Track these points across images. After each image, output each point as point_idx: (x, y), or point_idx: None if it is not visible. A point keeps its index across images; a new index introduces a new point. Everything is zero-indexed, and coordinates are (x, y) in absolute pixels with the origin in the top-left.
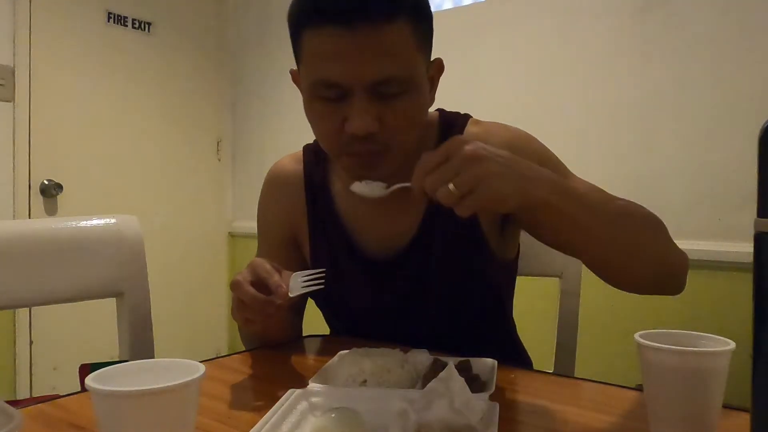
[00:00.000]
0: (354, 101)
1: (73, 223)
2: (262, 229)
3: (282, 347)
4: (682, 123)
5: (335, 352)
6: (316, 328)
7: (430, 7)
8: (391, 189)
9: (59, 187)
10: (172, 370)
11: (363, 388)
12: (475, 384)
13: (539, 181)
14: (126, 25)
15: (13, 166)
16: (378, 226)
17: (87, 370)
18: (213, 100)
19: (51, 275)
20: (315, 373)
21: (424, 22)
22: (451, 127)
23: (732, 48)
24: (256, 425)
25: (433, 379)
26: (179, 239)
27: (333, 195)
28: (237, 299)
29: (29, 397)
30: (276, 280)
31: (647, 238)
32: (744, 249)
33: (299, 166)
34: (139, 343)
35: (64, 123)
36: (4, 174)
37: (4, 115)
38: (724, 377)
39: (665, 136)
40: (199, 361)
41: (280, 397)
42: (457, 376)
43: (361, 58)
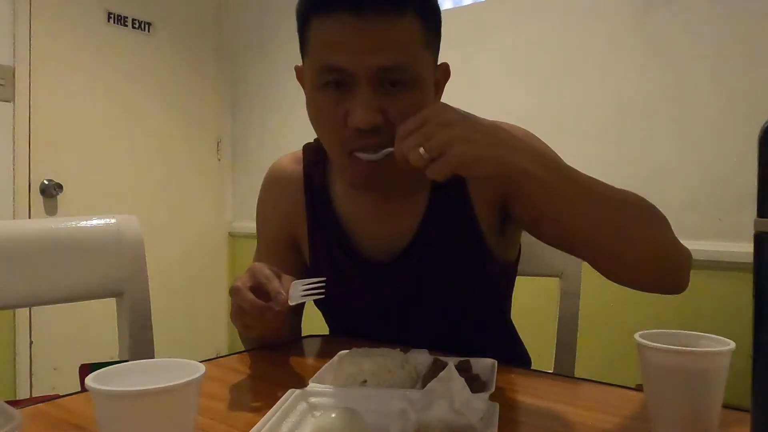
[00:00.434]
0: (358, 93)
1: (73, 223)
2: (261, 230)
3: (282, 347)
4: (682, 123)
5: (335, 352)
6: (316, 328)
7: (439, 9)
8: (383, 153)
9: (59, 187)
10: (172, 370)
11: (363, 388)
12: (475, 384)
13: (519, 150)
14: (126, 25)
15: (13, 166)
16: (377, 227)
17: (87, 370)
18: (213, 100)
19: (51, 275)
20: (315, 373)
21: (433, 23)
22: None
23: (733, 48)
24: (255, 425)
25: (433, 379)
26: (179, 239)
27: (332, 195)
28: (236, 305)
29: (29, 397)
30: (275, 287)
31: (641, 225)
32: (744, 249)
33: (299, 166)
34: (139, 343)
35: (64, 123)
36: (4, 174)
37: (4, 115)
38: (724, 377)
39: (666, 136)
40: (199, 361)
41: (280, 397)
42: (457, 376)
43: (368, 45)
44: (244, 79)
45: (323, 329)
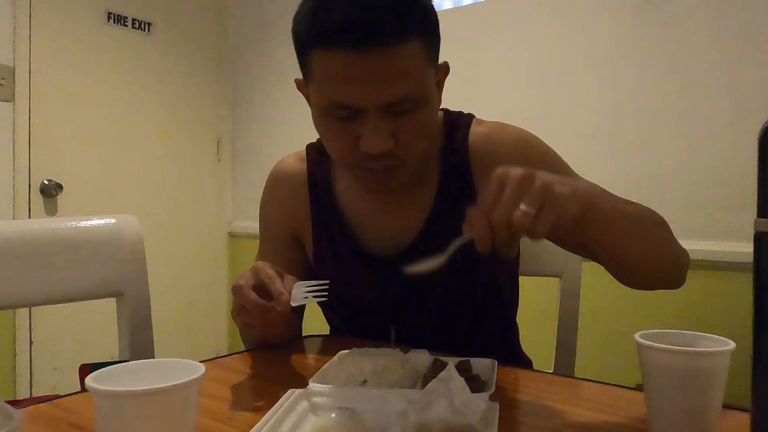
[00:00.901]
0: (368, 121)
1: (73, 223)
2: (265, 228)
3: (282, 347)
4: (682, 123)
5: (335, 352)
6: (316, 328)
7: (436, 14)
8: (449, 252)
9: (59, 187)
10: (172, 370)
11: (363, 388)
12: (475, 384)
13: (581, 186)
14: (126, 25)
15: (13, 166)
16: (382, 223)
17: (87, 370)
18: (213, 100)
19: (51, 275)
20: (315, 373)
21: (433, 33)
22: (456, 127)
23: (733, 48)
24: (256, 425)
25: (433, 380)
26: (179, 239)
27: (336, 193)
28: (238, 303)
29: (29, 397)
30: (278, 287)
31: (663, 239)
32: (744, 249)
33: (302, 165)
34: (139, 343)
35: (64, 123)
36: (4, 174)
37: (4, 115)
38: (724, 377)
39: (666, 136)
40: (199, 361)
41: (281, 397)
42: (457, 376)
43: (375, 81)
44: (244, 79)
45: (323, 329)
